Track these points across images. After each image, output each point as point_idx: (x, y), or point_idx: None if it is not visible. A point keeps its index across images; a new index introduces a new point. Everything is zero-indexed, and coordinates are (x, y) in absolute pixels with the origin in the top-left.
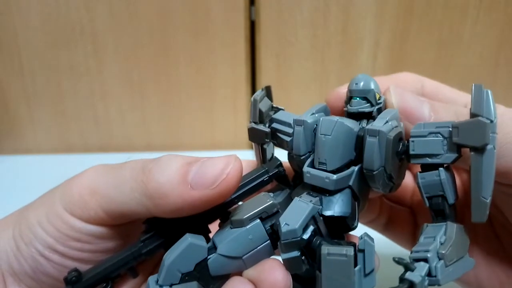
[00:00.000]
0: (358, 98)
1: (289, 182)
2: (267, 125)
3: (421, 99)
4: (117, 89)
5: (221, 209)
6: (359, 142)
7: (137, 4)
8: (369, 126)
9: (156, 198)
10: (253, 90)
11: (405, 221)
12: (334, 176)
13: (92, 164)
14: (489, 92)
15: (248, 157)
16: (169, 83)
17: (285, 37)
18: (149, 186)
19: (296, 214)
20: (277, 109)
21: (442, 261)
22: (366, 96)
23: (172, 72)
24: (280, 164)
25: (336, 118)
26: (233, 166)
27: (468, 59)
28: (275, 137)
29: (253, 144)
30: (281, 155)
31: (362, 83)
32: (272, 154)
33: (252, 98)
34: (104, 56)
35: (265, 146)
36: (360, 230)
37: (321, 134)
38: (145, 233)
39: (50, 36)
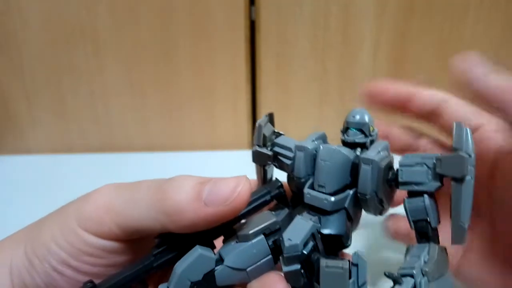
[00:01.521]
0: (354, 130)
1: (288, 202)
2: (269, 149)
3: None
4: (117, 89)
5: (226, 226)
6: (354, 168)
7: (138, 4)
8: (363, 155)
9: (172, 214)
10: (253, 90)
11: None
12: (332, 198)
13: (92, 164)
14: (468, 130)
15: (247, 157)
16: (169, 83)
17: (285, 37)
18: (166, 204)
19: (298, 231)
20: (278, 134)
21: (425, 277)
22: (362, 128)
23: (172, 72)
24: (281, 186)
25: (334, 146)
26: (243, 185)
27: None
28: (276, 160)
29: (255, 165)
30: (279, 175)
31: (358, 117)
32: (271, 175)
33: (257, 124)
34: (104, 56)
35: (266, 167)
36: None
37: (321, 160)
38: (156, 248)
39: (50, 36)
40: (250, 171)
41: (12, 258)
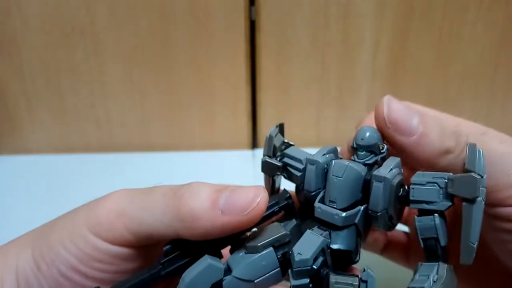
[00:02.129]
0: (364, 152)
1: (295, 213)
2: (278, 159)
3: (412, 111)
4: (117, 89)
5: (235, 237)
6: (366, 184)
7: (137, 4)
8: (376, 172)
9: (188, 221)
10: (253, 90)
11: (400, 244)
12: (343, 214)
13: (92, 164)
14: (482, 151)
15: (247, 157)
16: (169, 83)
17: (285, 37)
18: (181, 210)
19: (309, 246)
20: (288, 145)
21: None
22: (371, 149)
23: (172, 72)
24: (289, 197)
25: (347, 162)
26: (262, 196)
27: (468, 59)
28: (285, 171)
29: (263, 175)
30: (286, 185)
31: (367, 138)
32: (279, 185)
33: (268, 135)
34: (104, 56)
35: (275, 177)
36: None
37: (333, 176)
38: (164, 256)
39: (50, 36)
40: (250, 171)
41: (19, 262)
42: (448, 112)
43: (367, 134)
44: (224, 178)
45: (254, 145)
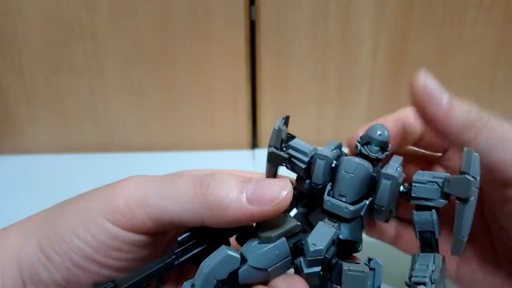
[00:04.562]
0: (376, 147)
1: (296, 202)
2: (283, 150)
3: (444, 90)
4: (117, 89)
5: (243, 227)
6: (372, 181)
7: (137, 4)
8: (384, 171)
9: (215, 210)
10: (253, 89)
11: (409, 234)
12: (352, 207)
13: (92, 164)
14: (477, 155)
15: (247, 156)
16: (169, 83)
17: (285, 37)
18: (209, 199)
19: (322, 236)
20: (291, 136)
21: (434, 285)
22: (383, 146)
23: (172, 72)
24: (295, 187)
25: (358, 159)
26: (289, 189)
27: (468, 59)
28: (289, 162)
29: (267, 164)
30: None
31: (382, 134)
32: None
33: (277, 126)
34: (104, 56)
35: (277, 167)
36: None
37: (344, 172)
38: (179, 245)
39: (50, 36)
40: (250, 170)
41: (21, 250)
42: None
43: (385, 130)
44: None
45: (254, 145)
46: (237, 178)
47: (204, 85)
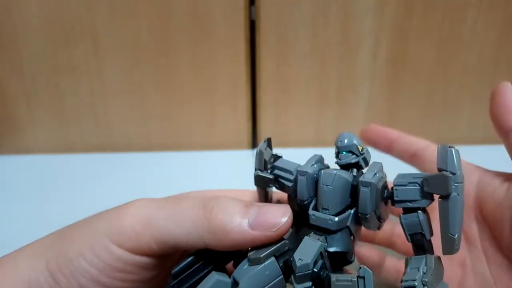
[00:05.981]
0: (345, 153)
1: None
2: (269, 171)
3: None
4: (117, 89)
5: (239, 252)
6: (353, 189)
7: (137, 4)
8: (362, 178)
9: (219, 234)
10: (253, 89)
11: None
12: (336, 218)
13: (92, 163)
14: (453, 150)
15: (247, 156)
16: (169, 83)
17: (285, 37)
18: (213, 223)
19: (308, 251)
20: (276, 157)
21: (426, 287)
22: (351, 149)
23: (172, 72)
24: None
25: (334, 171)
26: (290, 214)
27: (468, 59)
28: (277, 182)
29: (256, 188)
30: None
31: (346, 140)
32: (271, 195)
33: (258, 149)
34: (104, 56)
35: (267, 189)
36: None
37: (323, 185)
38: (173, 278)
39: (50, 36)
40: (250, 170)
41: (31, 273)
42: (448, 112)
43: (347, 136)
44: (224, 178)
45: (254, 144)
46: (240, 204)
47: (204, 85)
